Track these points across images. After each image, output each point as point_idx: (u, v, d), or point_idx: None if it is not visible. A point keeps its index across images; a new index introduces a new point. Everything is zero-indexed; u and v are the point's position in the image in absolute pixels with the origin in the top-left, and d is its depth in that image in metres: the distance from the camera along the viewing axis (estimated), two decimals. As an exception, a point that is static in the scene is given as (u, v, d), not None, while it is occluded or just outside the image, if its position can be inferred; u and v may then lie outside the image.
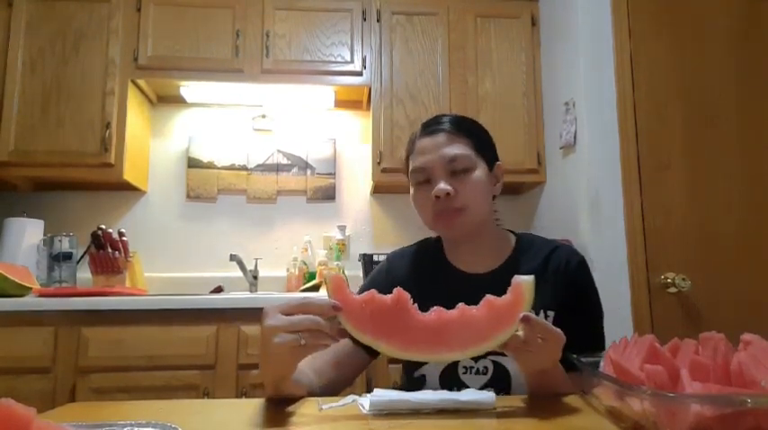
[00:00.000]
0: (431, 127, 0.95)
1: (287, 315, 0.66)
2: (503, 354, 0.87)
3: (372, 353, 0.97)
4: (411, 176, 0.95)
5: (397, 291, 0.70)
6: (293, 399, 0.75)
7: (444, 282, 0.97)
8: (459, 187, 0.90)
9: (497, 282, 0.89)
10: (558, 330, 0.69)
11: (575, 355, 0.70)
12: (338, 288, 0.69)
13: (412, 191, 0.96)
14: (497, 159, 0.98)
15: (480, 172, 0.92)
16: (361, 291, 0.99)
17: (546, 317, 0.91)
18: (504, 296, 0.69)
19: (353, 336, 0.68)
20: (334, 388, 0.89)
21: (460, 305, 0.69)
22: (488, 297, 0.69)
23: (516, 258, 0.97)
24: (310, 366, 0.85)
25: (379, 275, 1.04)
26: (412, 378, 0.95)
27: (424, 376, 0.92)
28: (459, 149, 0.91)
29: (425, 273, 0.99)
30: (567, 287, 0.94)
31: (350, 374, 0.95)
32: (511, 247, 0.99)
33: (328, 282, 0.69)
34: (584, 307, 0.95)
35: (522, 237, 1.01)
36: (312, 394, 0.79)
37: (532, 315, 0.66)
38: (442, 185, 0.89)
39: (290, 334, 0.65)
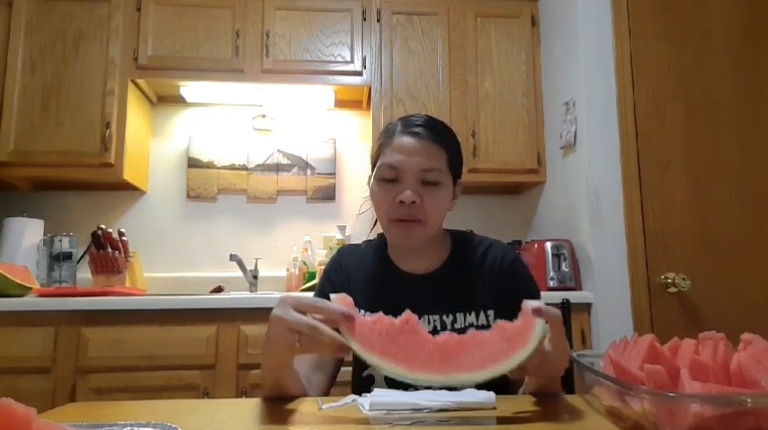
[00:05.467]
0: (413, 127, 0.93)
1: (299, 310, 0.66)
2: None
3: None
4: (378, 169, 0.94)
5: (406, 313, 0.68)
6: (292, 399, 0.75)
7: (387, 281, 0.99)
8: (425, 199, 0.90)
9: (436, 282, 0.95)
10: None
11: (575, 354, 0.70)
12: (345, 306, 0.67)
13: (373, 183, 0.95)
14: (460, 176, 0.99)
15: (446, 189, 0.94)
16: (320, 281, 1.05)
17: (486, 317, 0.93)
18: (514, 321, 0.67)
19: (359, 356, 0.64)
20: (322, 390, 0.92)
21: (471, 330, 0.67)
22: (499, 322, 0.67)
23: (453, 258, 0.99)
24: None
25: (333, 266, 1.05)
26: (361, 377, 0.95)
27: (371, 376, 0.93)
28: (434, 162, 0.91)
29: (371, 270, 1.01)
30: (503, 282, 0.96)
31: (332, 373, 0.97)
32: (448, 247, 1.01)
33: (335, 301, 0.68)
34: (522, 299, 0.96)
35: (458, 236, 1.03)
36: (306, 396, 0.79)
37: (543, 306, 0.65)
38: (409, 193, 0.89)
39: (290, 331, 0.66)
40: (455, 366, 0.63)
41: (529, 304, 0.66)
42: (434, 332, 0.90)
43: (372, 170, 0.99)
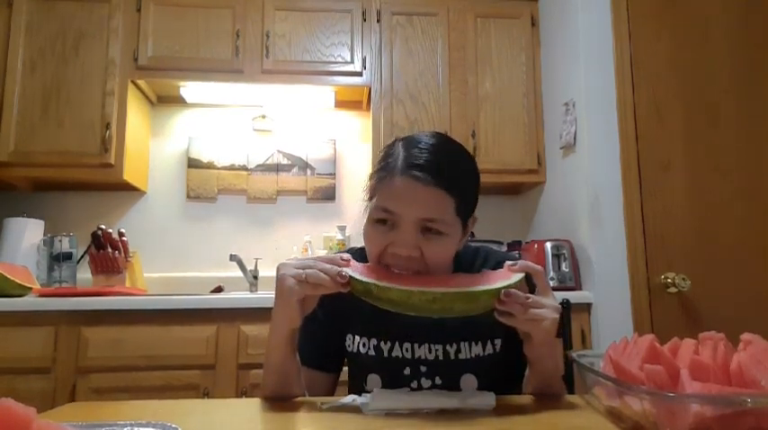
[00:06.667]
0: (415, 168, 0.76)
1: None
2: (454, 373, 0.85)
3: (336, 370, 0.95)
4: (373, 210, 0.80)
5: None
6: (292, 399, 0.75)
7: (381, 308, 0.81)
8: (426, 248, 0.77)
9: None
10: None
11: (575, 354, 0.71)
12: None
13: (367, 224, 0.82)
14: (474, 211, 0.85)
15: (453, 237, 0.79)
16: None
17: (493, 346, 0.86)
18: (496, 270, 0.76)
19: (357, 282, 0.71)
20: None
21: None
22: (484, 271, 0.77)
23: None
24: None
25: None
26: (360, 392, 0.91)
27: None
28: (438, 212, 0.76)
29: None
30: None
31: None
32: (450, 270, 0.90)
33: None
34: None
35: (460, 254, 0.90)
36: None
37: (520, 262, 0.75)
38: (406, 250, 0.76)
39: (296, 269, 0.73)
40: (448, 286, 0.71)
41: (508, 263, 0.75)
42: (437, 364, 0.86)
43: (368, 199, 0.84)
